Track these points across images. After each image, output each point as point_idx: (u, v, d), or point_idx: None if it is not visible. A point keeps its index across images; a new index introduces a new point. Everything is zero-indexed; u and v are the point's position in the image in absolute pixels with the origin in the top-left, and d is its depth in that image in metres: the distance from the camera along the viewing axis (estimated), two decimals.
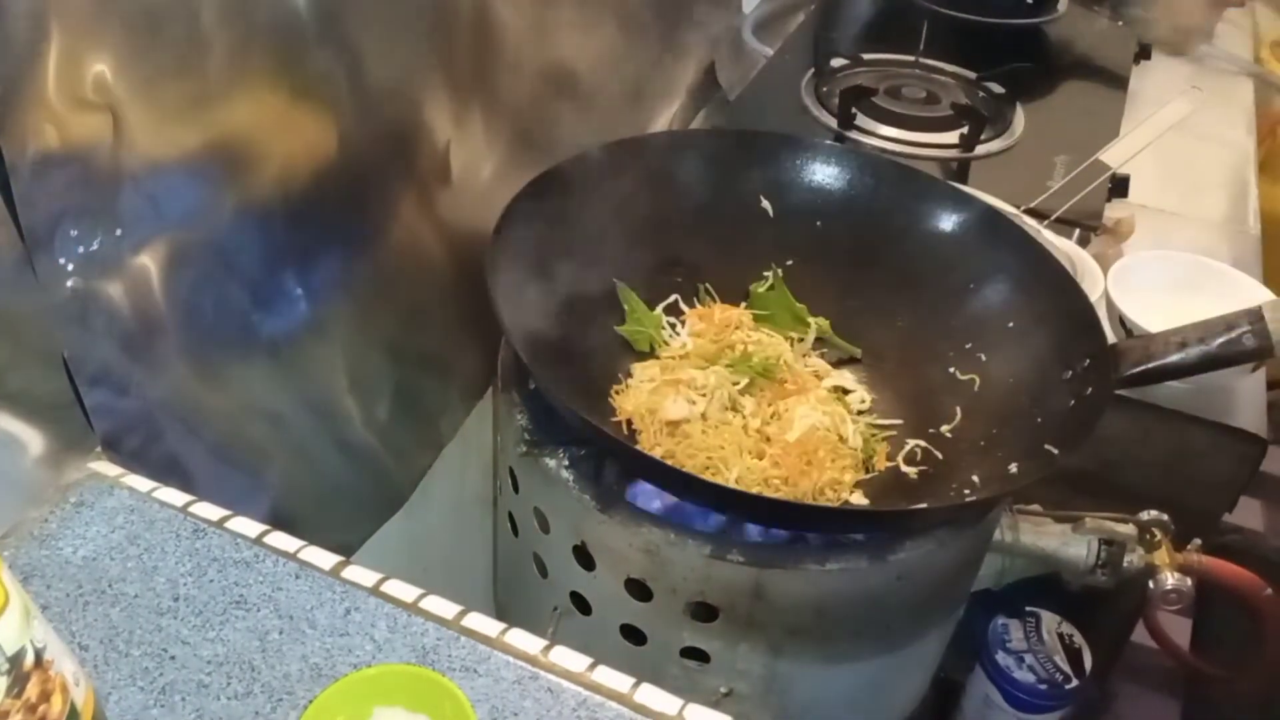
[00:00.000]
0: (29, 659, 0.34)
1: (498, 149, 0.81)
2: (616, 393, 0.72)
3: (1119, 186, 1.03)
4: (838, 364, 0.78)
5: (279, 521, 0.56)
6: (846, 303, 0.79)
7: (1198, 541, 0.83)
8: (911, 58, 1.21)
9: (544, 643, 0.48)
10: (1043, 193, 0.97)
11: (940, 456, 0.71)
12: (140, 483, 0.54)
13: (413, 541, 0.82)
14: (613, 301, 0.77)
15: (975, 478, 0.66)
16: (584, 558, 0.64)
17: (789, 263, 0.80)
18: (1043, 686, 0.87)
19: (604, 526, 0.61)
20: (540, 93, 0.86)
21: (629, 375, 0.74)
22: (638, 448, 0.66)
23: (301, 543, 0.52)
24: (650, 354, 0.76)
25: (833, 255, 0.79)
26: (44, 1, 0.45)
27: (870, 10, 1.43)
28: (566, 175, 0.74)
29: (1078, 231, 0.96)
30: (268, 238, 0.61)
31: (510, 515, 0.71)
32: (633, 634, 0.65)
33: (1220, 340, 0.65)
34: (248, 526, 0.52)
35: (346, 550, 0.66)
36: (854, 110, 1.09)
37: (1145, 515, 0.81)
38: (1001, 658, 0.88)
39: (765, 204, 0.81)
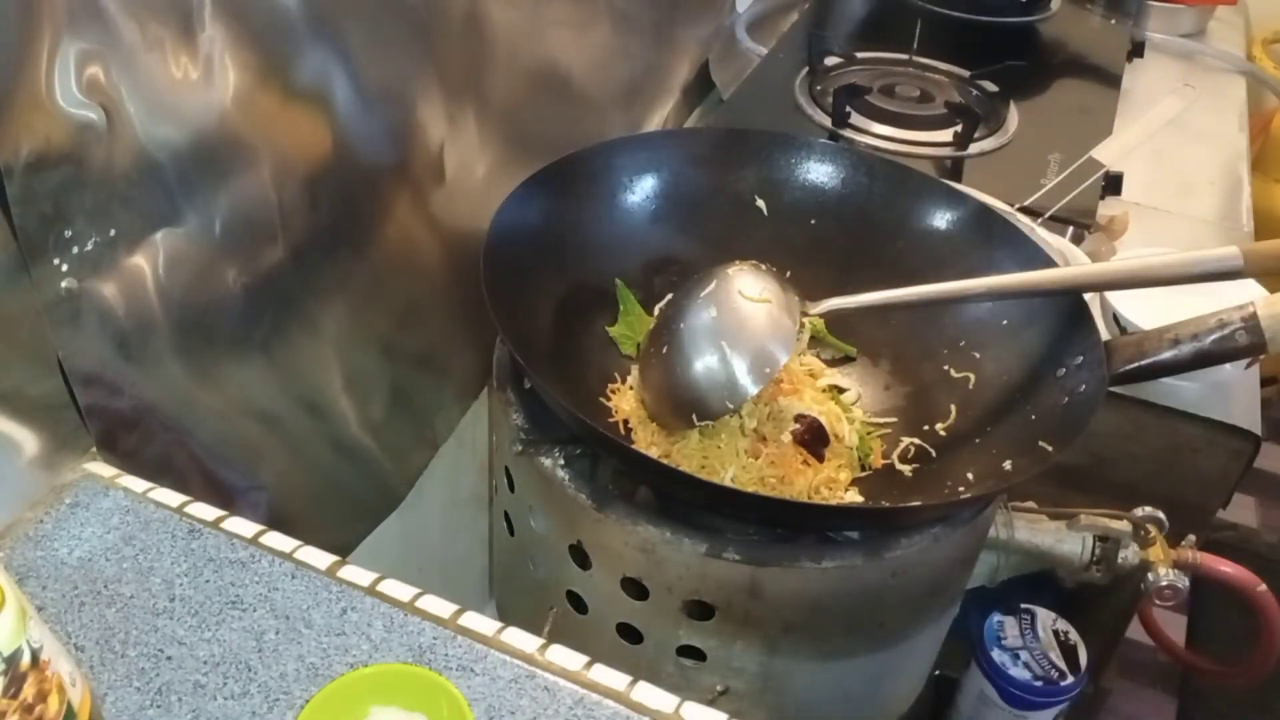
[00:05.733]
0: (25, 659, 0.34)
1: (492, 148, 0.81)
2: (613, 392, 0.72)
3: (1112, 184, 1.04)
4: (833, 363, 0.78)
5: (275, 521, 0.56)
6: None
7: (1192, 538, 0.84)
8: (905, 56, 1.21)
9: (540, 641, 0.48)
10: (1036, 191, 0.98)
11: (935, 454, 0.71)
12: (135, 483, 0.54)
13: (409, 541, 0.82)
14: (608, 300, 0.77)
15: (970, 475, 0.66)
16: (580, 557, 0.64)
17: (783, 262, 0.80)
18: (1038, 683, 0.87)
19: (600, 525, 0.61)
20: (534, 92, 0.86)
21: (625, 375, 0.74)
22: (634, 448, 0.66)
23: (297, 543, 0.52)
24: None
25: (827, 254, 0.79)
26: (37, 1, 0.45)
27: (864, 9, 1.43)
28: (561, 174, 0.74)
29: (1071, 229, 0.97)
30: (262, 238, 0.61)
31: (506, 514, 0.71)
32: (629, 633, 0.65)
33: (1213, 337, 0.66)
34: (243, 527, 0.52)
35: (342, 550, 0.66)
36: (848, 109, 1.09)
37: (1140, 512, 0.81)
38: (997, 654, 0.88)
39: (759, 203, 0.81)
